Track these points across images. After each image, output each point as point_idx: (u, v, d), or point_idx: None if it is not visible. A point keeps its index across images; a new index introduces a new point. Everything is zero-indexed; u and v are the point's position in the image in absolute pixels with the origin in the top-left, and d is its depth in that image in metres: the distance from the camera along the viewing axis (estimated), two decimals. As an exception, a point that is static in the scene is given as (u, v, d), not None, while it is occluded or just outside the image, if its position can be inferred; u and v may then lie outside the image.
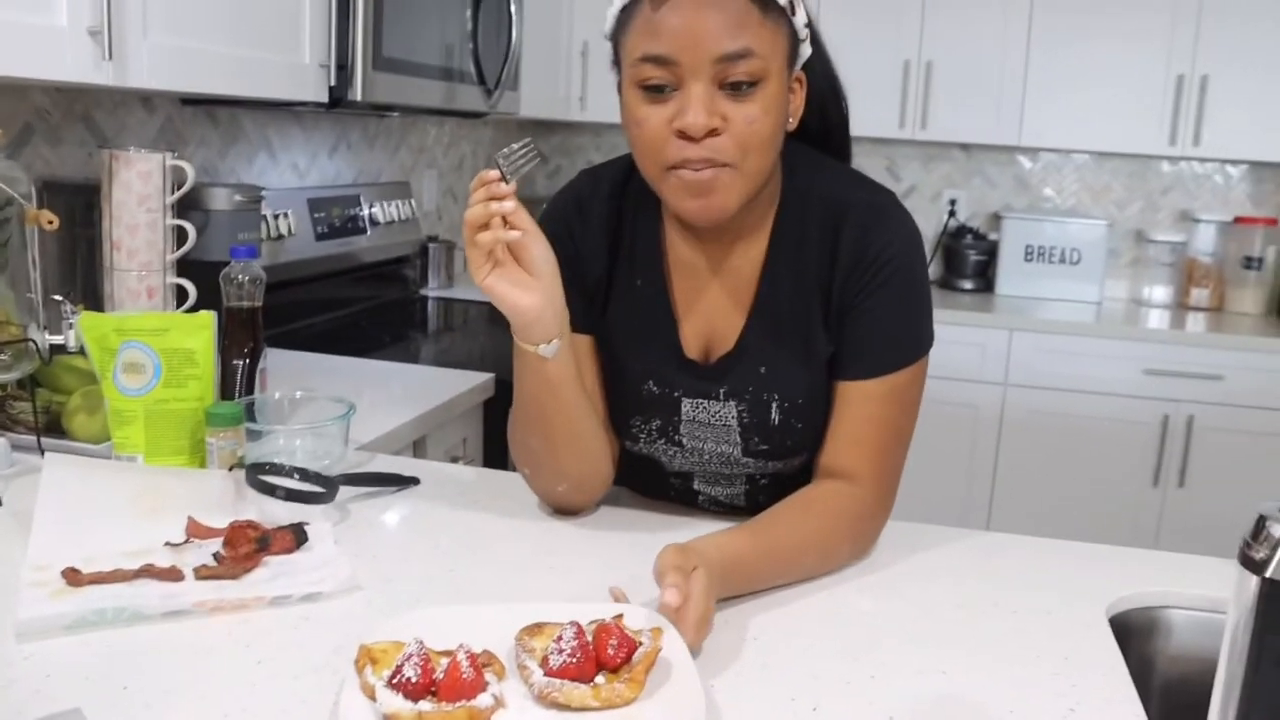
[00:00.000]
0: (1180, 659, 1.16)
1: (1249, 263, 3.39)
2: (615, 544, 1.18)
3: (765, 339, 1.16)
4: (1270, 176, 3.50)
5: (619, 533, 1.21)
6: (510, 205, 1.04)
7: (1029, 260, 3.48)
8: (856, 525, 1.14)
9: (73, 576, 1.00)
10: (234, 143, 2.27)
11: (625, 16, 1.07)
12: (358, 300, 2.64)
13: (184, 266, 1.70)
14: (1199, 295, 3.45)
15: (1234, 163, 3.48)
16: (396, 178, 2.94)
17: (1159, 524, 3.11)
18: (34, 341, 1.32)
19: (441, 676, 0.80)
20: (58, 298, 1.36)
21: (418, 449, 1.77)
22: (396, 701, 0.78)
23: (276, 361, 1.70)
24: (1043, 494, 3.14)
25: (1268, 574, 0.68)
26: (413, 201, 2.87)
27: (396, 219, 2.75)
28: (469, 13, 2.39)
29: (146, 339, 1.22)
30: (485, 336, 2.68)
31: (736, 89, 1.03)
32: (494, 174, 1.04)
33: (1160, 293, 3.50)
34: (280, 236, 2.23)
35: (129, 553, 1.05)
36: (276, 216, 2.24)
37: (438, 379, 1.98)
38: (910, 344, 1.15)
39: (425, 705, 0.78)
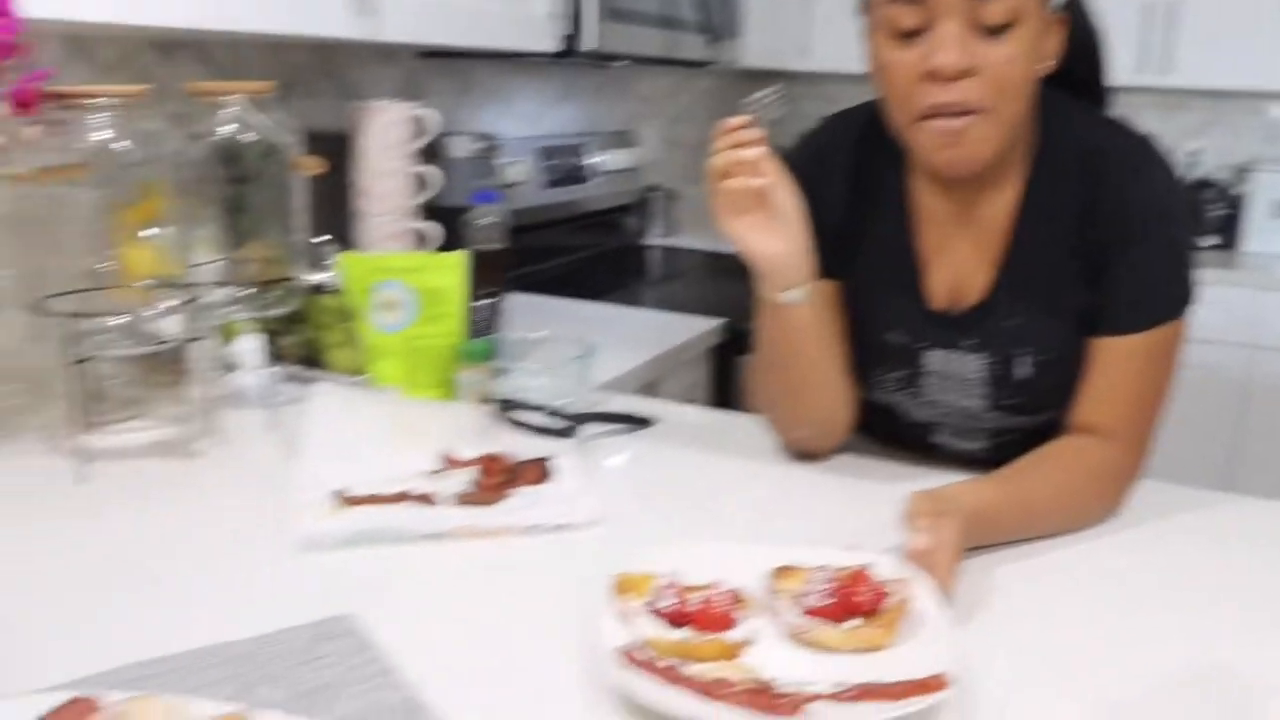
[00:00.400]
0: None
1: None
2: (854, 490, 1.17)
3: (1017, 291, 1.12)
4: None
5: (857, 479, 1.20)
6: (756, 152, 1.03)
7: (1277, 217, 3.23)
8: (1109, 483, 1.10)
9: (343, 497, 1.07)
10: (467, 93, 2.35)
11: None
12: (582, 247, 2.70)
13: (428, 212, 1.77)
14: None
15: None
16: (620, 127, 2.97)
17: None
18: (299, 280, 1.41)
19: (697, 609, 0.82)
20: (320, 239, 1.44)
21: (649, 392, 1.80)
22: (654, 628, 0.80)
23: (509, 304, 1.76)
24: (1258, 457, 2.93)
25: None
26: (635, 150, 2.90)
27: (620, 168, 2.79)
28: (695, -40, 2.38)
29: (402, 277, 1.28)
30: (709, 284, 2.69)
31: (991, 30, 0.98)
32: (738, 121, 1.03)
33: None
34: (511, 184, 2.29)
35: (389, 478, 1.11)
36: (508, 165, 2.31)
37: (668, 324, 2.01)
38: (1172, 298, 1.08)
39: (682, 634, 0.80)
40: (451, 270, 1.30)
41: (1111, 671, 0.84)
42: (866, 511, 1.09)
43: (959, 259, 1.15)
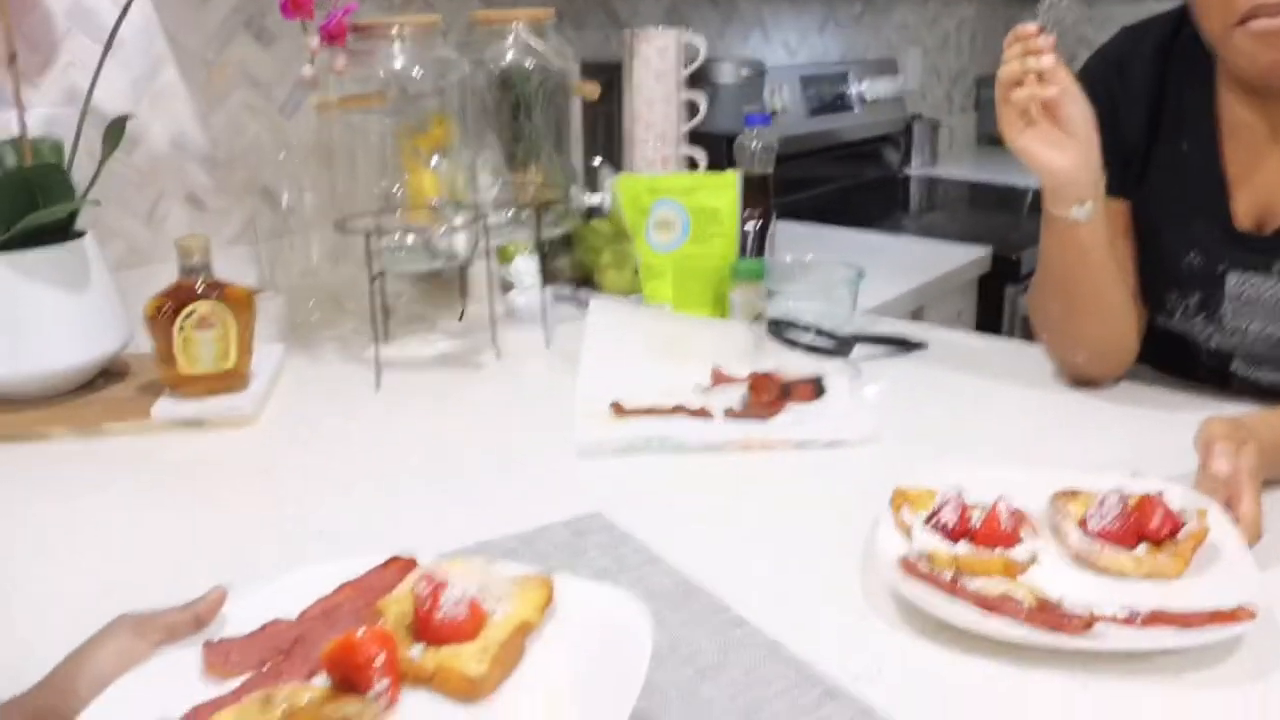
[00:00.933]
0: None
1: None
2: (1137, 419, 1.12)
3: None
4: None
5: (1140, 408, 1.14)
6: (1048, 60, 0.99)
7: None
8: None
9: (618, 409, 1.11)
10: (730, 22, 2.34)
11: None
12: (843, 177, 2.66)
13: (694, 137, 1.79)
14: None
15: None
16: (882, 55, 2.90)
17: None
18: (575, 203, 1.46)
19: (978, 525, 0.81)
20: (596, 162, 1.49)
21: (915, 319, 1.77)
22: (934, 541, 0.80)
23: (776, 228, 1.76)
24: None
25: None
26: (899, 78, 2.82)
27: (882, 97, 2.72)
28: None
29: (677, 197, 1.31)
30: (971, 214, 2.61)
31: None
32: (1031, 27, 0.99)
33: None
34: (774, 112, 2.28)
35: (663, 391, 1.14)
36: (772, 93, 2.29)
37: (933, 251, 1.96)
38: None
39: (962, 548, 0.80)
40: (725, 190, 1.31)
41: None
42: (1150, 440, 1.05)
43: (1273, 177, 1.07)
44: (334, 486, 0.99)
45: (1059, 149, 1.02)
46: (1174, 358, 1.21)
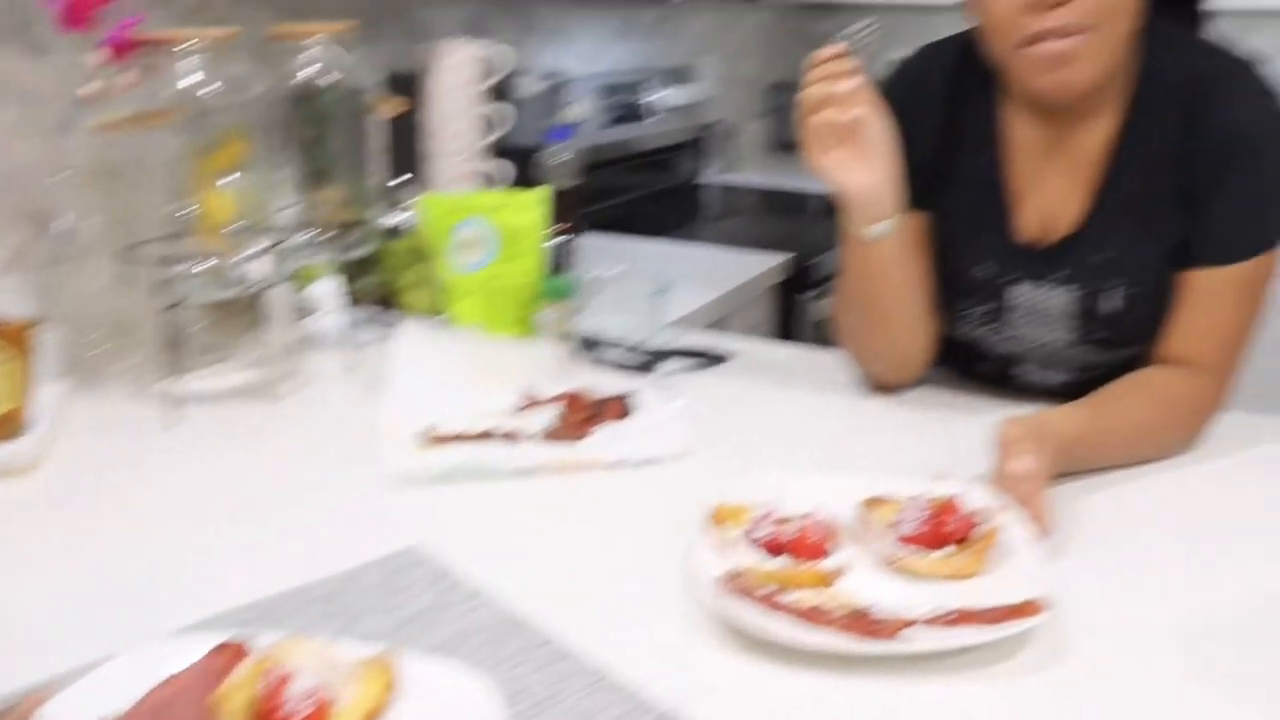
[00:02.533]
0: None
1: None
2: (935, 422, 1.18)
3: (1111, 222, 1.11)
4: None
5: (937, 411, 1.20)
6: (849, 85, 1.02)
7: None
8: (1194, 416, 1.09)
9: (429, 435, 1.09)
10: (530, 32, 2.34)
11: None
12: (641, 185, 2.69)
13: (495, 151, 1.78)
14: None
15: None
16: (678, 64, 2.95)
17: None
18: (377, 222, 1.42)
19: (792, 538, 0.83)
20: (396, 181, 1.46)
21: (717, 329, 1.81)
22: (752, 556, 0.82)
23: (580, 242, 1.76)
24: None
25: None
26: (694, 87, 2.88)
27: (678, 104, 2.77)
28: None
29: (483, 216, 1.30)
30: (768, 220, 2.70)
31: None
32: (829, 52, 1.02)
33: None
34: (575, 123, 2.29)
35: (474, 415, 1.13)
36: (571, 103, 2.30)
37: (733, 261, 2.01)
38: (1269, 229, 1.07)
39: (778, 562, 0.82)
40: (531, 208, 1.31)
41: (1197, 597, 0.84)
42: (947, 442, 1.10)
43: (1051, 190, 1.14)
44: (127, 537, 0.93)
45: (860, 170, 1.06)
46: (965, 361, 1.28)
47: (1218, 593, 0.85)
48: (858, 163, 1.05)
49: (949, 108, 1.17)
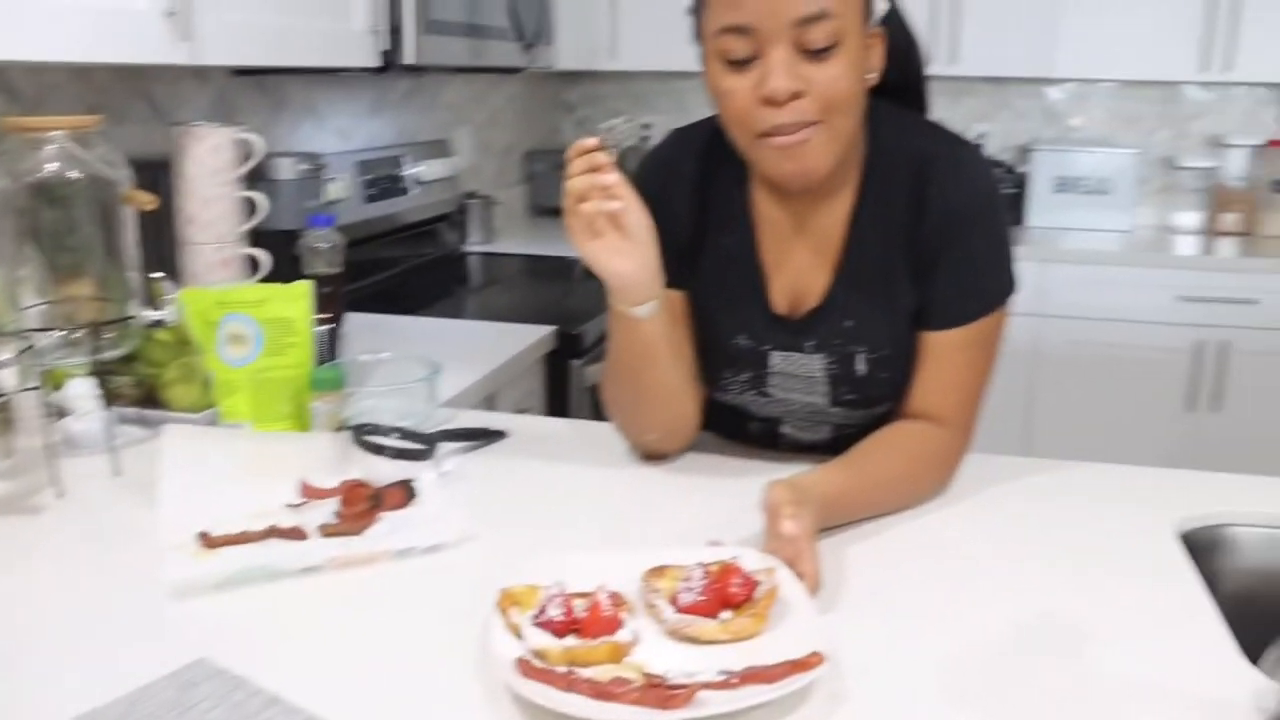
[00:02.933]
0: (1246, 573, 1.22)
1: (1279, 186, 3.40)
2: (708, 487, 1.24)
3: (852, 293, 1.20)
4: (1300, 98, 3.50)
5: (710, 476, 1.26)
6: (613, 178, 1.08)
7: (1059, 191, 3.49)
8: (941, 465, 1.20)
9: (207, 539, 1.06)
10: (281, 110, 2.31)
11: None
12: (403, 260, 2.69)
13: (254, 237, 1.75)
14: (1229, 220, 3.47)
15: (1266, 86, 3.47)
16: (434, 136, 2.97)
17: (1195, 448, 3.15)
18: (134, 319, 1.37)
19: (583, 615, 0.87)
20: (155, 275, 1.41)
21: (489, 405, 1.83)
22: (544, 638, 0.84)
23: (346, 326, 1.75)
24: (1080, 422, 3.19)
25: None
26: (453, 159, 2.91)
27: (437, 177, 2.79)
28: (503, -31, 2.41)
29: (248, 310, 1.27)
30: (532, 288, 2.74)
31: (816, 52, 1.06)
32: (592, 141, 1.07)
33: (1190, 219, 3.52)
34: (333, 201, 2.27)
35: (252, 514, 1.10)
36: (328, 182, 2.28)
37: (501, 334, 2.03)
38: (994, 291, 1.19)
39: (571, 641, 0.85)
40: (297, 300, 1.29)
41: (960, 631, 0.93)
42: (722, 505, 1.16)
43: (798, 265, 1.23)
44: None
45: (623, 256, 1.11)
46: (731, 426, 1.35)
47: (977, 625, 0.94)
48: (621, 250, 1.11)
49: (700, 190, 1.25)
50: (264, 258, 1.67)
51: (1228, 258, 3.18)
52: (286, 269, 1.85)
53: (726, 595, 0.91)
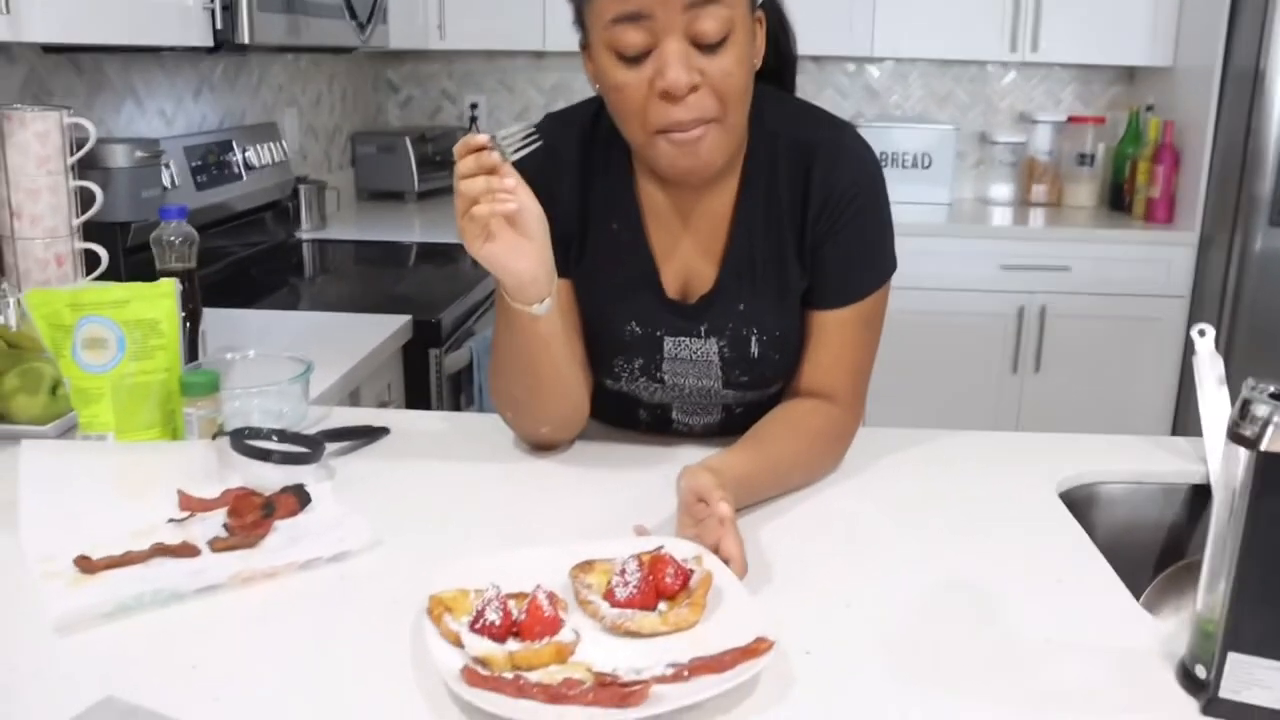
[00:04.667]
0: (1116, 525, 1.29)
1: (1082, 159, 3.61)
2: (606, 477, 1.22)
3: (741, 278, 1.21)
4: (1096, 78, 3.72)
5: (604, 466, 1.25)
6: (512, 182, 1.03)
7: (883, 166, 3.60)
8: (837, 441, 1.22)
9: (86, 564, 0.97)
10: (100, 91, 2.15)
11: None
12: (234, 250, 2.55)
13: (87, 230, 1.62)
14: (1039, 191, 3.67)
15: (1064, 66, 3.68)
16: (260, 119, 2.83)
17: (1019, 408, 3.33)
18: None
19: (522, 617, 0.84)
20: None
21: (354, 400, 1.76)
22: (485, 644, 0.81)
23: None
24: (911, 389, 3.32)
25: (1261, 448, 0.78)
26: (283, 143, 2.78)
27: (270, 161, 2.66)
28: (335, -56, 2.31)
29: (107, 312, 1.17)
30: (372, 277, 2.66)
31: (708, 46, 1.05)
32: (481, 139, 1.02)
33: (1004, 191, 3.70)
34: (165, 188, 2.13)
35: (134, 533, 1.03)
36: (161, 169, 2.14)
37: (356, 325, 1.96)
38: (878, 270, 1.22)
39: (513, 645, 0.82)
40: (162, 299, 1.19)
41: (884, 604, 0.95)
42: (621, 495, 1.16)
43: (687, 251, 1.22)
44: None
45: (520, 255, 1.07)
46: (617, 412, 1.34)
47: (893, 597, 0.96)
48: (518, 248, 1.07)
49: (584, 178, 1.22)
50: (103, 252, 1.55)
51: (1038, 227, 3.36)
52: (124, 264, 1.73)
53: (661, 586, 0.90)
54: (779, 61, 1.24)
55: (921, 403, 3.31)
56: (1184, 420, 3.26)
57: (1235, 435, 0.81)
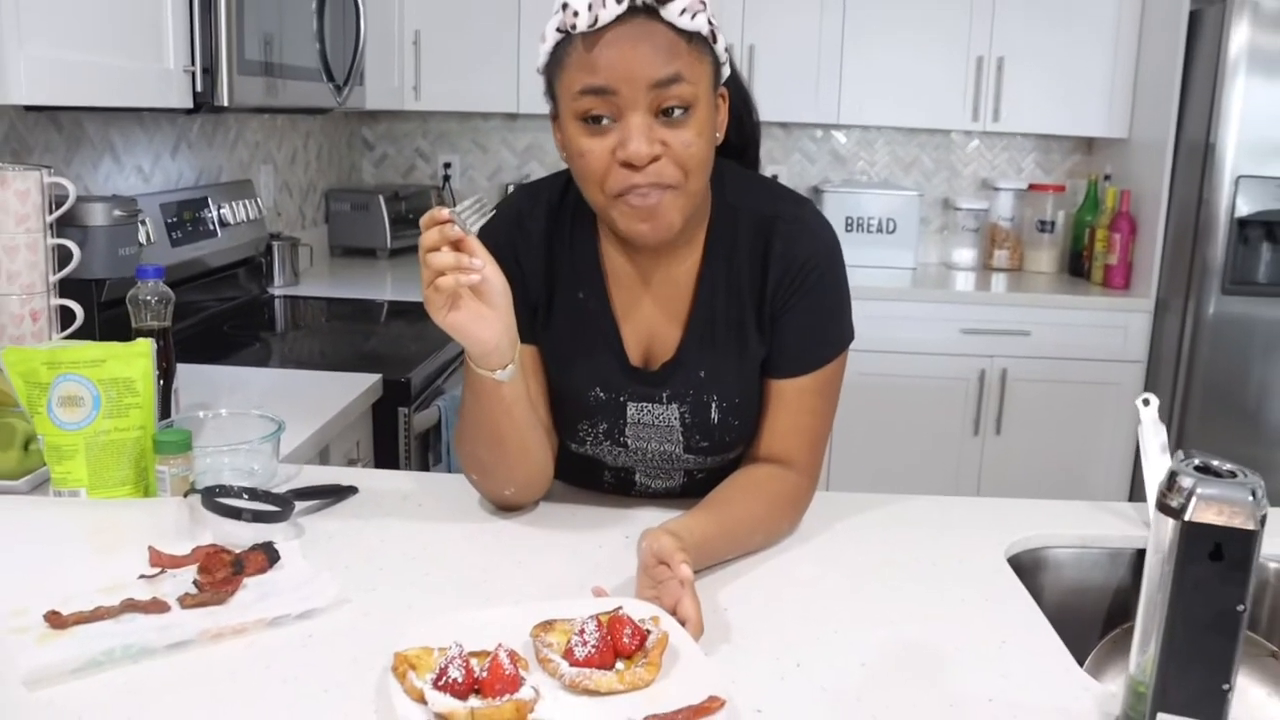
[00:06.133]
0: (1063, 590, 1.33)
1: (1042, 226, 3.71)
2: (569, 539, 1.25)
3: (703, 345, 1.25)
4: (1057, 147, 3.84)
5: (568, 528, 1.28)
6: (478, 262, 1.07)
7: (849, 230, 3.69)
8: (795, 506, 1.26)
9: (55, 619, 0.99)
10: (78, 148, 2.18)
11: (559, 53, 1.12)
12: (207, 305, 2.58)
13: (63, 287, 1.65)
14: (1000, 257, 3.76)
15: (1025, 136, 3.79)
16: (237, 176, 2.87)
17: (980, 469, 3.39)
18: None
19: (484, 675, 0.86)
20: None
21: (324, 458, 1.78)
22: (448, 701, 0.84)
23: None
24: (874, 451, 3.38)
25: (1186, 518, 0.83)
26: (258, 200, 2.82)
27: (245, 218, 2.69)
28: (314, 9, 2.37)
29: (83, 371, 1.20)
30: (344, 334, 2.69)
31: (670, 115, 1.10)
32: (445, 213, 1.06)
33: (967, 256, 3.79)
34: (141, 245, 2.16)
35: (104, 589, 1.04)
36: (138, 226, 2.17)
37: (327, 382, 1.98)
38: (835, 340, 1.26)
39: (474, 702, 0.85)
40: (138, 358, 1.23)
41: (836, 664, 0.98)
42: (584, 556, 1.19)
43: (651, 318, 1.26)
44: None
45: (484, 323, 1.11)
46: (582, 474, 1.37)
47: (845, 658, 1.00)
48: (483, 317, 1.10)
49: (550, 245, 1.27)
50: (79, 309, 1.58)
51: (1000, 293, 3.44)
52: (98, 319, 1.76)
53: (619, 646, 0.93)
54: (742, 140, 1.29)
55: (886, 463, 3.37)
56: (1140, 481, 3.32)
57: (1163, 506, 0.85)
